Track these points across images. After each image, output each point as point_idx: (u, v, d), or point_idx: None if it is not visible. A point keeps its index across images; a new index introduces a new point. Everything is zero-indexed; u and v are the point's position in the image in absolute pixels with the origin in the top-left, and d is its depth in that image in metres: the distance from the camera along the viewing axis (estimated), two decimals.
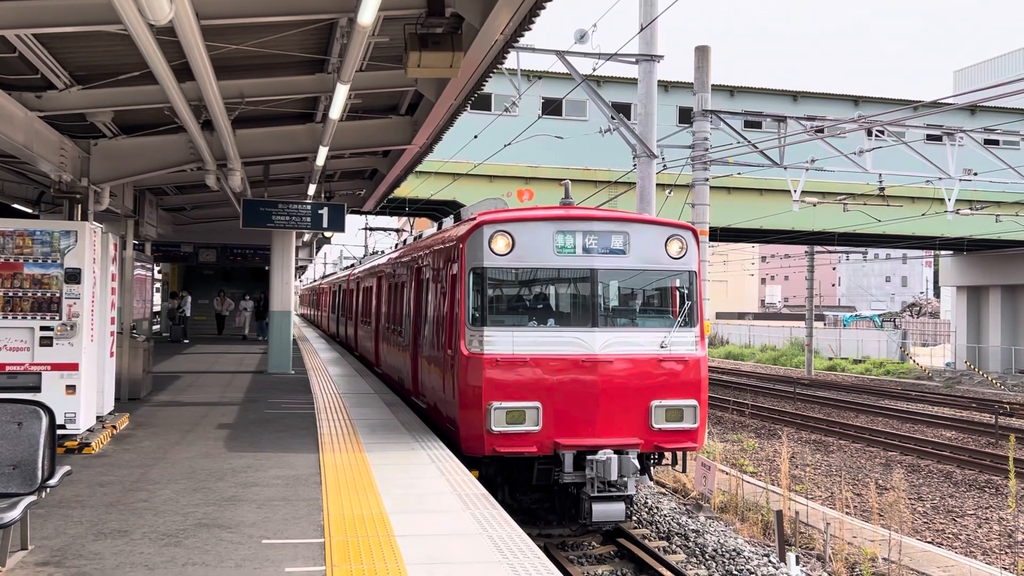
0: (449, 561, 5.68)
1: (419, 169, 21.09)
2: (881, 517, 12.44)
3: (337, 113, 10.31)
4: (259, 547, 5.90)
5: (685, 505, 13.25)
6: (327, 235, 35.16)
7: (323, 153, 12.95)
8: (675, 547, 10.82)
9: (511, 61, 17.90)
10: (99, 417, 10.28)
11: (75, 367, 9.26)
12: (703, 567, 10.14)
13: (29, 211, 15.04)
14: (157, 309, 29.92)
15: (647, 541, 10.67)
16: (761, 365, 52.78)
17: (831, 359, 51.07)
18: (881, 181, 23.80)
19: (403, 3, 7.98)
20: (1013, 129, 27.74)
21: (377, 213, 33.55)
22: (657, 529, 11.53)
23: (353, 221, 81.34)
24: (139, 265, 17.53)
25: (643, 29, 16.58)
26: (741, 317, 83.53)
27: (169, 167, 12.68)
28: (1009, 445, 17.25)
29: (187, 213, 24.30)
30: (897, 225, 32.98)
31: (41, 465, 5.55)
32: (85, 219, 10.84)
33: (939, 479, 17.24)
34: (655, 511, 12.38)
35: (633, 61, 17.09)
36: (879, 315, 71.47)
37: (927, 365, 45.66)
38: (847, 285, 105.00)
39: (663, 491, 14.01)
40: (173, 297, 29.91)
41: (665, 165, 19.57)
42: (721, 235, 36.54)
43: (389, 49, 9.28)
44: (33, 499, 5.46)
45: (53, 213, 13.73)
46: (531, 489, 10.57)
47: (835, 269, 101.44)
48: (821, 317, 68.61)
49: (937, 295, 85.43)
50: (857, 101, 35.30)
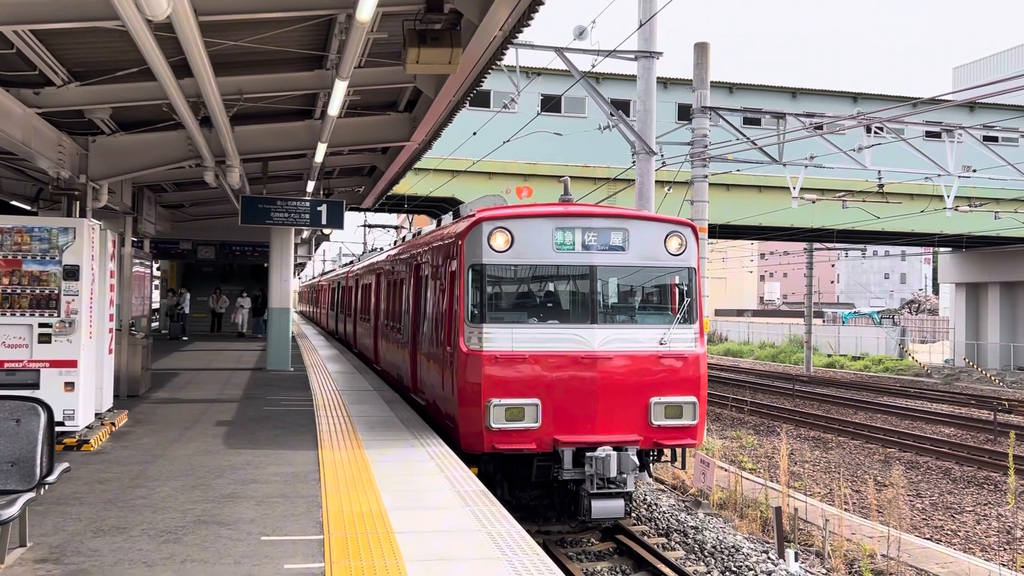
0: (448, 558, 5.68)
1: (418, 166, 21.07)
2: (880, 514, 12.44)
3: (336, 109, 10.30)
4: (258, 544, 5.90)
5: (684, 502, 13.26)
6: (326, 232, 35.20)
7: (322, 150, 12.93)
8: (674, 544, 10.83)
9: (510, 58, 17.88)
10: (98, 414, 10.27)
11: (74, 364, 9.26)
12: (702, 564, 10.14)
13: (27, 208, 15.03)
14: (156, 306, 29.90)
15: (646, 538, 10.68)
16: (760, 362, 52.80)
17: (830, 356, 51.08)
18: (880, 178, 23.78)
19: None
20: (1012, 126, 27.74)
21: (376, 210, 33.55)
22: (656, 526, 11.53)
23: (352, 218, 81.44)
24: (138, 262, 17.51)
25: (642, 25, 16.56)
26: (740, 314, 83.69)
27: (168, 164, 12.67)
28: (1008, 442, 17.25)
29: (186, 210, 24.28)
30: (896, 222, 32.95)
31: (40, 462, 5.55)
32: (83, 216, 10.82)
33: (938, 476, 17.25)
34: (654, 508, 12.39)
35: (632, 58, 17.07)
36: (878, 312, 71.50)
37: (926, 362, 45.69)
38: (846, 282, 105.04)
39: (662, 488, 14.02)
40: (171, 294, 29.90)
41: (664, 162, 19.53)
42: (720, 232, 36.52)
43: (388, 45, 9.26)
44: (32, 496, 5.46)
45: (51, 210, 13.72)
46: (530, 486, 10.57)
47: (834, 266, 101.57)
48: (820, 314, 68.69)
49: (936, 292, 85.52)
50: (856, 98, 35.28)
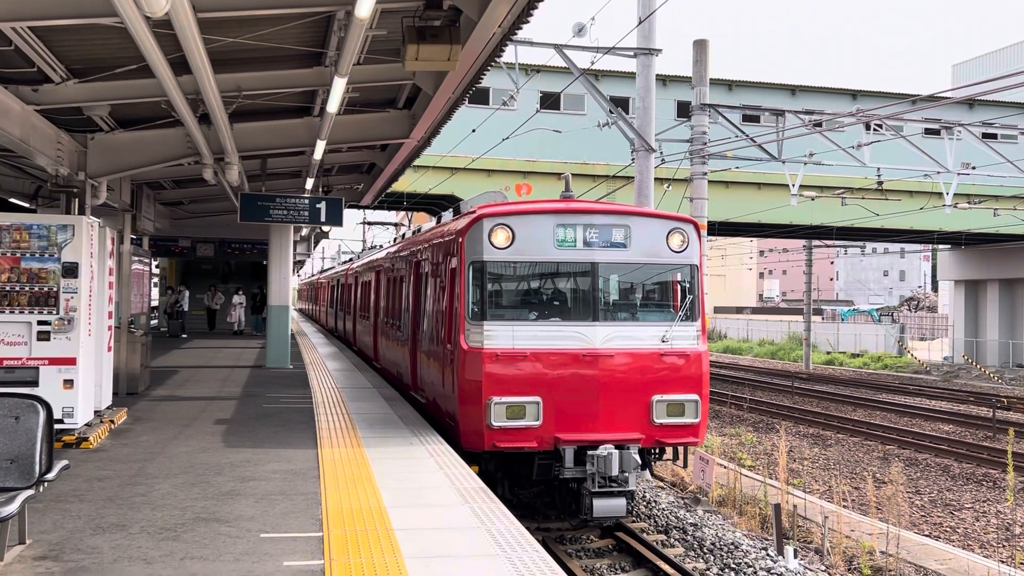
0: (448, 555, 5.68)
1: (417, 163, 21.06)
2: (879, 510, 12.45)
3: (335, 107, 10.29)
4: (257, 541, 5.90)
5: (683, 499, 13.27)
6: (325, 230, 35.17)
7: (321, 147, 12.93)
8: (673, 541, 10.83)
9: (509, 55, 17.89)
10: (97, 412, 10.27)
11: (73, 362, 9.25)
12: (701, 560, 10.15)
13: (26, 205, 15.03)
14: (155, 304, 29.88)
15: (645, 535, 10.69)
16: (759, 359, 52.84)
17: (829, 353, 51.11)
18: (879, 175, 23.77)
19: None
20: (1011, 123, 27.71)
21: (375, 207, 33.56)
22: (655, 523, 11.54)
23: (351, 216, 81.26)
24: (137, 259, 17.49)
25: (641, 22, 16.54)
26: (739, 311, 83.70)
27: (166, 161, 12.66)
28: (1007, 439, 17.27)
29: (185, 207, 24.28)
30: (895, 219, 32.96)
31: (39, 459, 5.55)
32: (82, 213, 10.81)
33: (937, 473, 17.26)
34: (653, 505, 12.40)
35: (631, 55, 17.05)
36: (877, 309, 71.58)
37: (925, 359, 45.73)
38: (845, 279, 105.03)
39: (661, 485, 14.02)
40: (170, 292, 29.87)
41: (663, 159, 19.52)
42: (719, 229, 36.51)
43: (387, 42, 9.25)
44: (31, 493, 5.46)
45: (50, 207, 13.72)
46: (531, 484, 10.52)
47: (833, 263, 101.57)
48: (819, 311, 68.69)
49: (935, 289, 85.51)
50: (855, 95, 35.27)
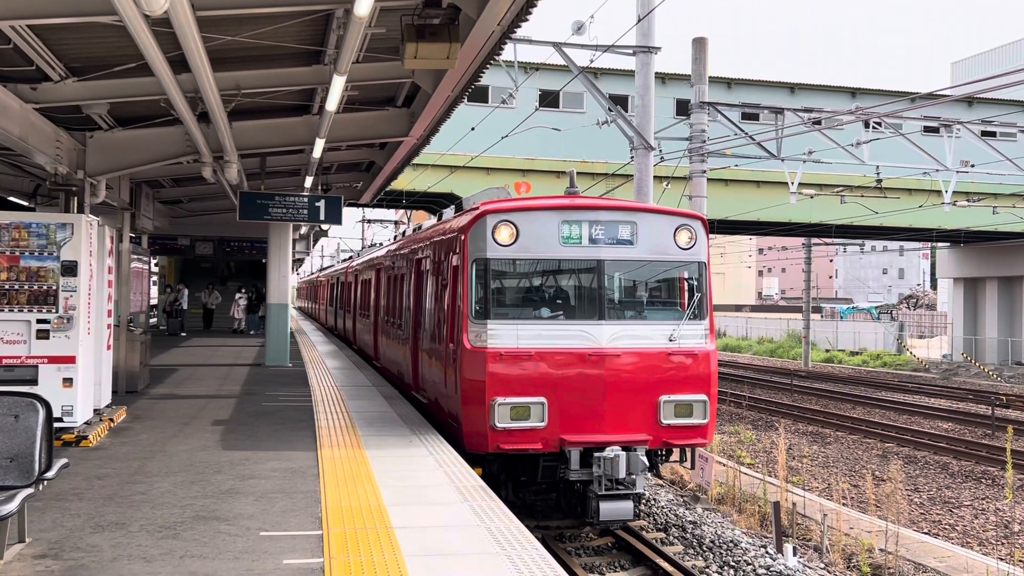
0: (447, 552, 5.69)
1: (416, 161, 21.06)
2: (878, 508, 12.46)
3: (334, 105, 10.28)
4: (257, 539, 5.90)
5: (682, 496, 13.28)
6: (324, 228, 35.18)
7: (320, 145, 12.92)
8: (673, 539, 10.85)
9: (508, 53, 17.81)
10: (96, 410, 10.28)
11: (72, 360, 9.25)
12: (700, 558, 10.16)
13: (25, 204, 15.03)
14: (154, 302, 29.87)
15: (645, 533, 10.70)
16: (758, 357, 52.84)
17: (828, 351, 51.13)
18: (878, 173, 23.77)
19: None
20: (1010, 121, 27.72)
21: (374, 206, 33.53)
22: (655, 521, 11.55)
23: (350, 214, 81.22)
24: (136, 258, 17.50)
25: (640, 20, 16.53)
26: (738, 309, 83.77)
27: (165, 159, 12.65)
28: (1006, 436, 17.29)
29: (184, 206, 24.25)
30: (894, 217, 32.95)
31: (38, 458, 5.55)
32: (81, 212, 10.81)
33: (936, 470, 17.27)
34: (652, 503, 12.41)
35: (631, 53, 17.04)
36: (876, 307, 71.60)
37: (924, 357, 45.74)
38: (844, 277, 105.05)
39: (660, 483, 14.03)
40: (169, 290, 29.85)
41: (663, 157, 19.49)
42: (718, 227, 36.48)
43: (386, 40, 9.24)
44: (30, 492, 5.46)
45: (49, 206, 13.73)
46: (535, 486, 10.33)
47: (832, 261, 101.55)
48: (818, 309, 68.72)
49: (934, 287, 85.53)
50: (854, 93, 35.27)
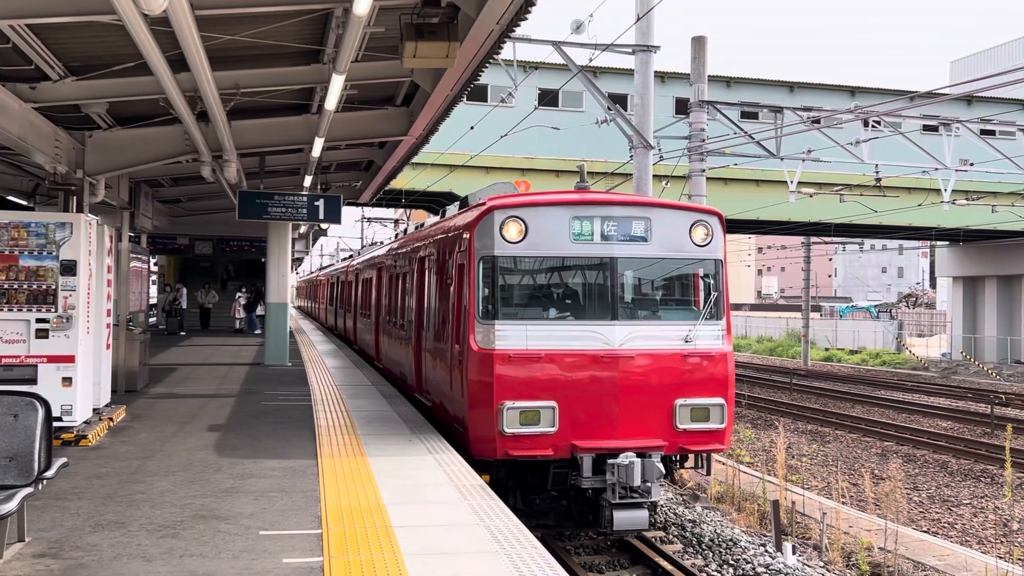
0: (447, 552, 5.69)
1: (415, 161, 21.04)
2: (877, 507, 12.46)
3: (333, 104, 10.28)
4: (256, 538, 5.91)
5: (682, 495, 13.29)
6: (323, 227, 35.15)
7: (319, 144, 12.92)
8: (672, 537, 10.85)
9: (507, 52, 17.81)
10: (96, 409, 10.28)
11: (71, 359, 9.26)
12: (700, 557, 10.17)
13: (24, 203, 15.04)
14: (154, 301, 29.85)
15: (644, 531, 10.69)
16: (758, 356, 52.86)
17: (827, 350, 51.16)
18: (877, 172, 23.78)
19: None
20: (1009, 119, 27.74)
21: (373, 205, 33.52)
22: (654, 519, 11.55)
23: (350, 212, 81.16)
24: (135, 257, 17.50)
25: (639, 19, 16.53)
26: (737, 308, 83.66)
27: (164, 159, 12.65)
28: (1005, 435, 17.29)
29: (183, 205, 24.25)
30: (893, 216, 32.97)
31: (37, 457, 5.55)
32: (81, 211, 10.81)
33: (935, 469, 17.28)
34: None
35: (630, 52, 17.04)
36: (875, 306, 71.64)
37: (923, 355, 45.77)
38: (843, 276, 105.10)
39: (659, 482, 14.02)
40: (168, 289, 29.83)
41: (662, 156, 19.49)
42: None
43: (385, 39, 9.24)
44: (30, 491, 5.46)
45: (48, 205, 13.73)
46: (544, 493, 9.95)
47: (831, 260, 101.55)
48: (817, 308, 68.74)
49: (933, 286, 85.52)
50: (853, 92, 35.27)
